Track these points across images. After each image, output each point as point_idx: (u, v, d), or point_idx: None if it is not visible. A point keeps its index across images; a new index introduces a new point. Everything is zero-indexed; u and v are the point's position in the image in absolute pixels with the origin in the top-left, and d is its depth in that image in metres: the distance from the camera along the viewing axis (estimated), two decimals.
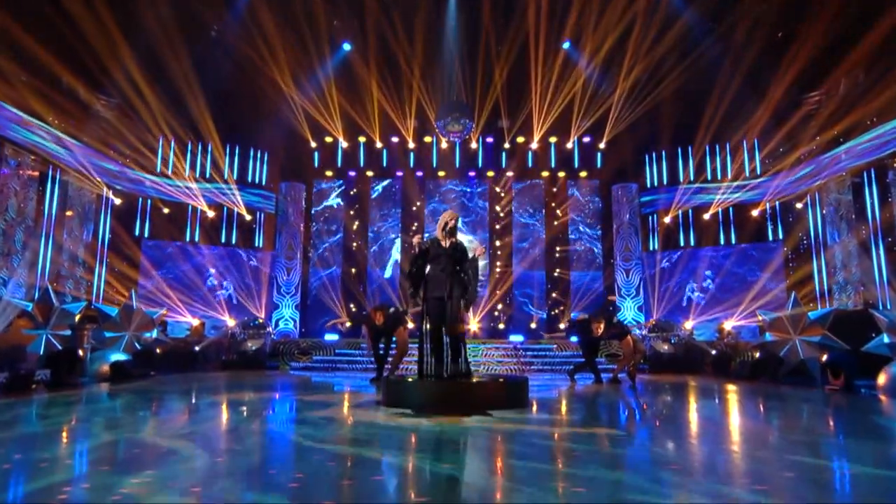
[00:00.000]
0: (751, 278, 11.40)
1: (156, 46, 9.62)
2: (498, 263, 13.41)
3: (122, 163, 11.05)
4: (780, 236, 11.39)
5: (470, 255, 4.81)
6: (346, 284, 13.22)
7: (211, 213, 12.22)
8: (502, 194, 13.64)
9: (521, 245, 13.52)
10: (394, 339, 7.27)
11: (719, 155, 12.21)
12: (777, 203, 11.34)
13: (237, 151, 12.69)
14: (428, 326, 4.59)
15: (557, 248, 13.37)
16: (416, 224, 13.62)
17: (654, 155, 12.99)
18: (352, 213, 13.54)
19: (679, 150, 12.69)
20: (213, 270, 11.99)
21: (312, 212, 13.49)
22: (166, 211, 11.79)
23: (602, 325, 7.58)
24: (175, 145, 11.84)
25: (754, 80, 10.31)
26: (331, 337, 11.91)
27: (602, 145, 13.02)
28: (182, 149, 11.96)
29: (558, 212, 13.53)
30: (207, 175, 12.18)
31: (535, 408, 4.56)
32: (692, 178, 12.37)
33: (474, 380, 4.55)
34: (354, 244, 13.41)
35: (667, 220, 12.62)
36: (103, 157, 10.54)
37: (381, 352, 7.28)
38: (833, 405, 5.06)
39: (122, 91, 10.04)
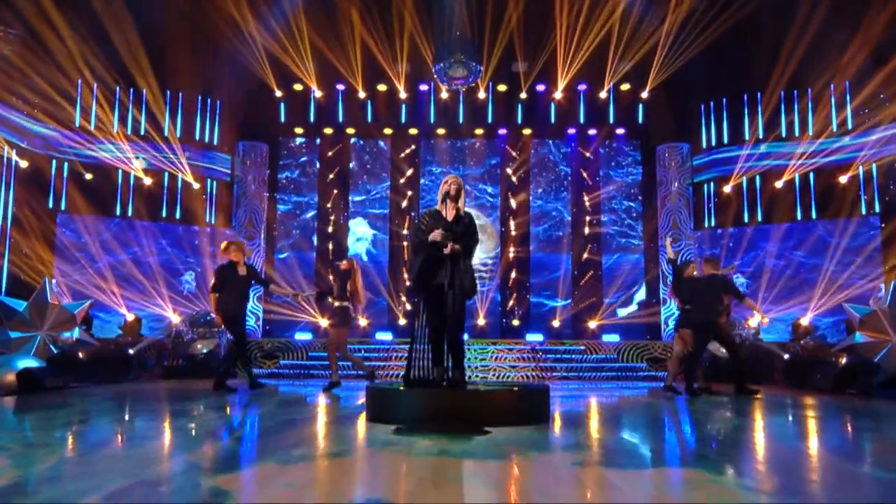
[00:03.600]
0: (836, 263, 11.12)
1: None
2: (512, 245, 13.27)
3: (29, 114, 10.73)
4: (877, 209, 11.05)
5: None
6: (323, 269, 13.11)
7: (148, 180, 12.01)
8: (517, 157, 13.46)
9: (541, 222, 13.40)
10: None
11: (797, 105, 11.82)
12: (873, 166, 10.99)
13: (180, 102, 12.42)
14: (425, 323, 4.68)
15: (587, 226, 13.24)
16: (409, 194, 13.46)
17: (711, 106, 12.66)
18: (328, 180, 13.37)
19: (745, 100, 12.31)
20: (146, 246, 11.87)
21: (279, 179, 13.33)
22: (89, 177, 11.52)
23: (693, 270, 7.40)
24: (99, 92, 11.48)
25: (846, 5, 9.93)
26: (303, 336, 11.84)
27: (645, 94, 12.74)
28: (109, 97, 11.62)
29: (588, 179, 13.36)
30: (142, 132, 11.91)
31: (557, 425, 4.49)
32: (761, 136, 12.04)
33: (482, 389, 4.62)
34: (332, 219, 13.26)
35: (727, 188, 12.36)
36: (3, 106, 10.22)
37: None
38: None
39: (26, 20, 9.65)
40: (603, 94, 12.97)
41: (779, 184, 11.90)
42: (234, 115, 12.71)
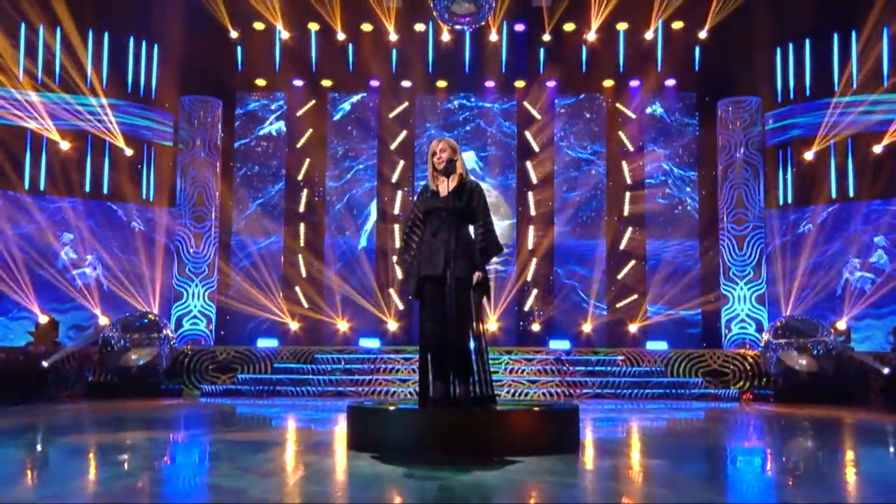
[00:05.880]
0: None
1: None
2: (532, 227, 13.27)
3: None
4: None
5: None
6: (292, 260, 13.11)
7: (65, 144, 11.94)
8: (539, 116, 13.40)
9: (569, 196, 13.38)
10: None
11: None
12: None
13: (106, 44, 12.33)
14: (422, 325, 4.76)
15: (627, 203, 13.23)
16: (402, 163, 13.40)
17: (789, 50, 12.47)
18: (299, 146, 13.35)
19: (834, 40, 12.10)
20: (69, 237, 11.86)
21: (235, 144, 13.29)
22: None
23: None
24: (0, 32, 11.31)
25: None
26: (266, 343, 11.94)
27: (702, 35, 12.66)
28: (12, 37, 11.47)
29: (629, 144, 13.32)
30: (58, 82, 11.79)
31: (589, 455, 4.58)
32: (855, 87, 11.85)
33: (494, 409, 4.59)
34: (304, 196, 13.27)
35: (809, 155, 12.24)
36: None
37: None
38: None
39: None
40: (649, 36, 12.88)
41: (878, 148, 11.69)
42: (176, 63, 12.60)
